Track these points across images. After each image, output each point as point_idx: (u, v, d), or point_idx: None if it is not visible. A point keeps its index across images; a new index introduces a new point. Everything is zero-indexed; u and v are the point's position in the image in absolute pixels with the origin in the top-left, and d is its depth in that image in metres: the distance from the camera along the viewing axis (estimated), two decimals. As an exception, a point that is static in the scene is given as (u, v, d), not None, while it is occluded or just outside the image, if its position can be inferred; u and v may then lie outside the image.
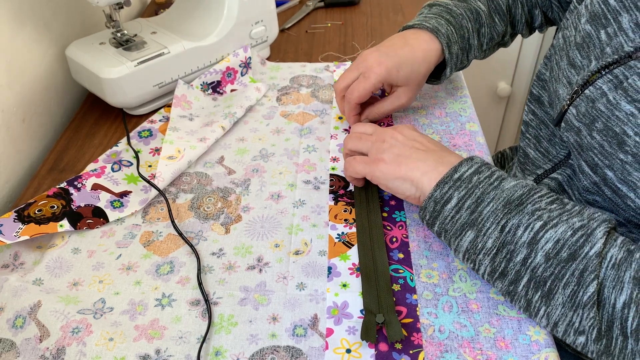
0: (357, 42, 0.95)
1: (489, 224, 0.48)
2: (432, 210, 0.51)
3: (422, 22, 0.69)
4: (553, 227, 0.45)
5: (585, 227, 0.45)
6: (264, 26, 0.85)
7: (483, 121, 1.31)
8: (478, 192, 0.49)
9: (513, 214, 0.47)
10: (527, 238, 0.46)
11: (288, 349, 0.48)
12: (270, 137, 0.72)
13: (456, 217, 0.49)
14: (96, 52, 0.74)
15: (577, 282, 0.44)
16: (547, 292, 0.45)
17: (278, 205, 0.62)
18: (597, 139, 0.51)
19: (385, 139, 0.57)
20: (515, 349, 0.47)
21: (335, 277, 0.54)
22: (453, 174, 0.51)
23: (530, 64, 1.55)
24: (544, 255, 0.45)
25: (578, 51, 0.55)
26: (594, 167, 0.52)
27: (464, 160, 0.52)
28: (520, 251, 0.46)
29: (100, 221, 0.60)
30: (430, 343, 0.48)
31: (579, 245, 0.44)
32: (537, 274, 0.45)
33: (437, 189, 0.51)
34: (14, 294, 0.51)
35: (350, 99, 0.68)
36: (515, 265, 0.47)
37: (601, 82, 0.51)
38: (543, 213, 0.46)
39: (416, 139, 0.57)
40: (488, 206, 0.48)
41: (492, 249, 0.48)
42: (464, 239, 0.49)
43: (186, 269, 0.55)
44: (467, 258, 0.50)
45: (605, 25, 0.52)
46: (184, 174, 0.66)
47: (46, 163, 0.70)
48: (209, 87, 0.79)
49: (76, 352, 0.47)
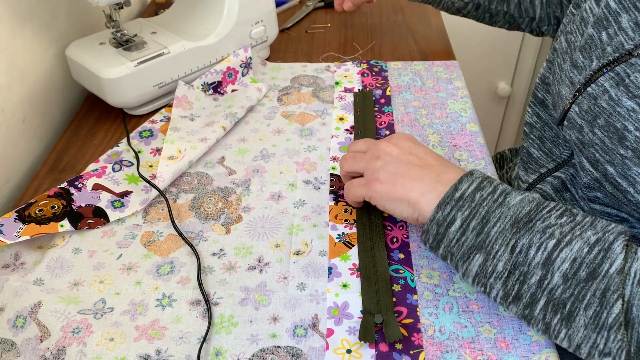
0: (357, 42, 0.95)
1: (498, 245, 0.45)
2: (436, 233, 0.48)
3: None
4: (567, 245, 0.43)
5: (601, 242, 0.43)
6: (264, 26, 0.85)
7: (483, 121, 1.31)
8: (482, 211, 0.46)
9: (522, 232, 0.45)
10: (541, 259, 0.43)
11: (288, 349, 0.48)
12: (271, 137, 0.72)
13: (462, 240, 0.47)
14: (96, 52, 0.74)
15: (599, 303, 0.41)
16: (568, 314, 0.43)
17: (278, 206, 0.62)
18: (599, 135, 0.51)
19: (380, 155, 0.54)
20: (516, 350, 0.47)
21: (335, 278, 0.54)
22: (454, 192, 0.48)
23: (530, 64, 1.55)
24: (561, 276, 0.43)
25: (581, 53, 0.55)
26: (595, 163, 0.52)
27: (464, 176, 0.49)
28: (534, 272, 0.44)
29: (101, 221, 0.60)
30: (431, 343, 0.48)
31: (598, 263, 0.42)
32: (555, 295, 0.43)
33: (439, 210, 0.48)
34: (15, 294, 0.51)
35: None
36: (530, 288, 0.44)
37: (603, 80, 0.51)
38: (555, 230, 0.44)
39: (412, 152, 0.54)
40: (495, 226, 0.46)
41: (503, 272, 0.45)
42: (473, 263, 0.47)
43: (186, 269, 0.55)
44: (478, 282, 0.47)
45: (606, 26, 0.53)
46: (185, 174, 0.66)
47: (46, 163, 0.70)
48: (210, 87, 0.79)
49: (76, 352, 0.47)
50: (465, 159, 0.67)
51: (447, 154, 0.68)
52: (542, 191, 0.65)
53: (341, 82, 0.82)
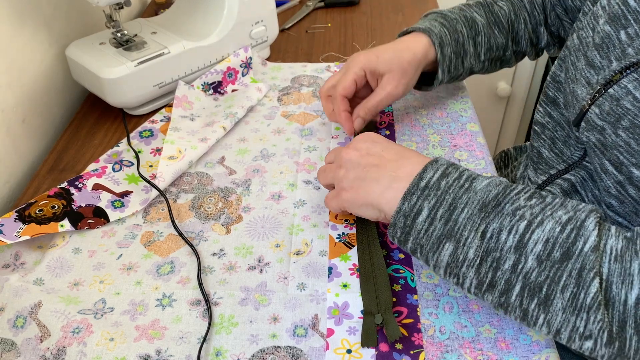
0: (357, 42, 0.95)
1: (467, 232, 0.44)
2: (403, 225, 0.47)
3: (414, 26, 0.69)
4: (539, 226, 0.42)
5: (573, 220, 0.42)
6: (264, 26, 0.85)
7: (483, 121, 1.31)
8: (449, 198, 0.45)
9: (492, 217, 0.43)
10: (513, 242, 0.42)
11: (289, 349, 0.48)
12: (271, 137, 0.72)
13: (430, 230, 0.45)
14: (96, 52, 0.74)
15: (576, 284, 0.40)
16: (544, 298, 0.42)
17: (279, 206, 0.62)
18: (623, 136, 0.49)
19: (342, 163, 0.54)
20: (516, 350, 0.47)
21: (335, 278, 0.54)
22: (419, 182, 0.47)
23: (530, 64, 1.55)
24: (535, 258, 0.42)
25: (597, 51, 0.53)
26: (619, 165, 0.51)
27: (428, 164, 0.48)
28: (507, 257, 0.42)
29: (101, 221, 0.60)
30: (431, 343, 0.48)
31: (571, 242, 0.41)
32: (531, 279, 0.42)
33: (405, 201, 0.46)
34: (15, 294, 0.51)
35: (335, 94, 0.66)
36: (504, 274, 0.43)
37: (626, 81, 0.49)
38: (525, 212, 0.43)
39: (370, 153, 0.53)
40: (463, 212, 0.44)
41: (475, 260, 0.44)
42: (443, 252, 0.45)
43: (187, 269, 0.55)
44: (450, 273, 0.46)
45: (625, 25, 0.51)
46: (185, 174, 0.66)
47: (46, 163, 0.70)
48: (210, 87, 0.79)
49: (77, 352, 0.47)
50: (466, 159, 0.67)
51: (447, 154, 0.68)
52: (551, 193, 0.64)
53: (341, 82, 0.82)
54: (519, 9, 0.73)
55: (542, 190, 0.65)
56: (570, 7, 0.69)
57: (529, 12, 0.73)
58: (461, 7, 0.72)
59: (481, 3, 0.73)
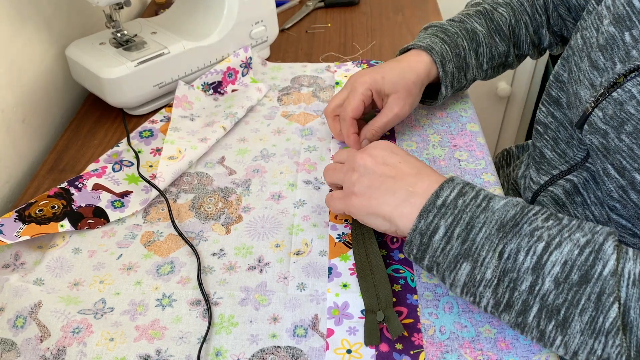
0: (357, 42, 0.95)
1: (485, 252, 0.44)
2: (419, 243, 0.47)
3: (415, 42, 0.69)
4: (557, 248, 0.42)
5: (591, 243, 0.42)
6: (264, 26, 0.85)
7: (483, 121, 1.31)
8: (466, 217, 0.45)
9: (509, 237, 0.43)
10: (531, 263, 0.42)
11: (289, 349, 0.48)
12: (271, 137, 0.72)
13: (447, 248, 0.45)
14: (96, 52, 0.74)
15: (595, 307, 0.40)
16: (562, 320, 0.42)
17: (279, 206, 0.62)
18: (626, 141, 0.49)
19: (355, 167, 0.53)
20: (516, 350, 0.47)
21: (335, 278, 0.54)
22: (436, 200, 0.46)
23: (530, 64, 1.55)
24: (552, 280, 0.42)
25: (601, 53, 0.53)
26: (622, 170, 0.51)
27: (444, 183, 0.48)
28: (525, 278, 0.43)
29: (101, 221, 0.60)
30: (431, 343, 0.48)
31: (590, 265, 0.41)
32: (548, 301, 0.42)
33: (421, 219, 0.46)
34: (15, 294, 0.51)
35: (345, 115, 0.66)
36: (521, 295, 0.43)
37: (630, 85, 0.49)
38: (542, 232, 0.43)
39: (387, 162, 0.52)
40: (481, 232, 0.44)
41: (492, 280, 0.44)
42: (460, 272, 0.45)
43: (187, 269, 0.55)
44: (466, 292, 0.46)
45: (629, 27, 0.50)
46: (185, 174, 0.66)
47: (46, 163, 0.70)
48: (210, 88, 0.79)
49: (77, 352, 0.47)
50: (466, 159, 0.67)
51: (447, 154, 0.68)
52: (553, 194, 0.64)
53: (341, 82, 0.82)
54: (519, 13, 0.73)
55: (544, 190, 0.65)
56: (574, 5, 0.68)
57: (530, 15, 0.73)
58: (461, 19, 0.72)
59: (481, 11, 0.73)
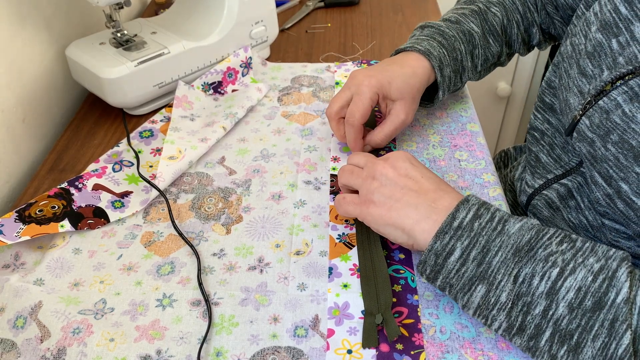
0: (357, 42, 0.95)
1: (501, 275, 0.44)
2: (434, 264, 0.47)
3: (413, 44, 0.68)
4: (571, 274, 0.43)
5: (605, 269, 0.42)
6: (264, 26, 0.85)
7: (483, 121, 1.31)
8: (482, 240, 0.46)
9: (524, 261, 0.44)
10: (545, 288, 0.43)
11: (289, 349, 0.48)
12: (271, 137, 0.72)
13: (462, 271, 0.46)
14: (96, 52, 0.74)
15: (608, 334, 0.41)
16: (575, 346, 0.42)
17: (279, 206, 0.62)
18: (612, 151, 0.49)
19: (376, 175, 0.53)
20: (516, 350, 0.47)
21: (336, 278, 0.54)
22: (452, 221, 0.47)
23: (530, 64, 1.55)
24: (566, 305, 0.42)
25: (589, 60, 0.53)
26: (608, 179, 0.51)
27: (460, 204, 0.48)
28: (538, 303, 0.43)
29: (101, 221, 0.60)
30: (432, 344, 0.48)
31: (603, 292, 0.41)
32: (562, 326, 0.42)
33: (437, 240, 0.47)
34: (15, 294, 0.51)
35: (354, 121, 0.63)
36: (534, 319, 0.43)
37: (616, 94, 0.49)
38: (557, 258, 0.44)
39: (409, 175, 0.52)
40: (497, 256, 0.45)
41: (506, 303, 0.44)
42: (475, 294, 0.45)
43: (187, 270, 0.55)
44: (479, 314, 0.46)
45: (616, 34, 0.50)
46: (185, 174, 0.66)
47: (46, 163, 0.70)
48: (210, 88, 0.79)
49: (77, 352, 0.47)
50: (466, 159, 0.67)
51: (447, 154, 0.68)
52: (547, 198, 0.64)
53: (341, 82, 0.82)
54: (511, 12, 0.73)
55: (539, 194, 0.65)
56: (561, 4, 0.69)
57: (521, 13, 0.73)
58: (457, 19, 0.72)
59: (476, 11, 0.73)
